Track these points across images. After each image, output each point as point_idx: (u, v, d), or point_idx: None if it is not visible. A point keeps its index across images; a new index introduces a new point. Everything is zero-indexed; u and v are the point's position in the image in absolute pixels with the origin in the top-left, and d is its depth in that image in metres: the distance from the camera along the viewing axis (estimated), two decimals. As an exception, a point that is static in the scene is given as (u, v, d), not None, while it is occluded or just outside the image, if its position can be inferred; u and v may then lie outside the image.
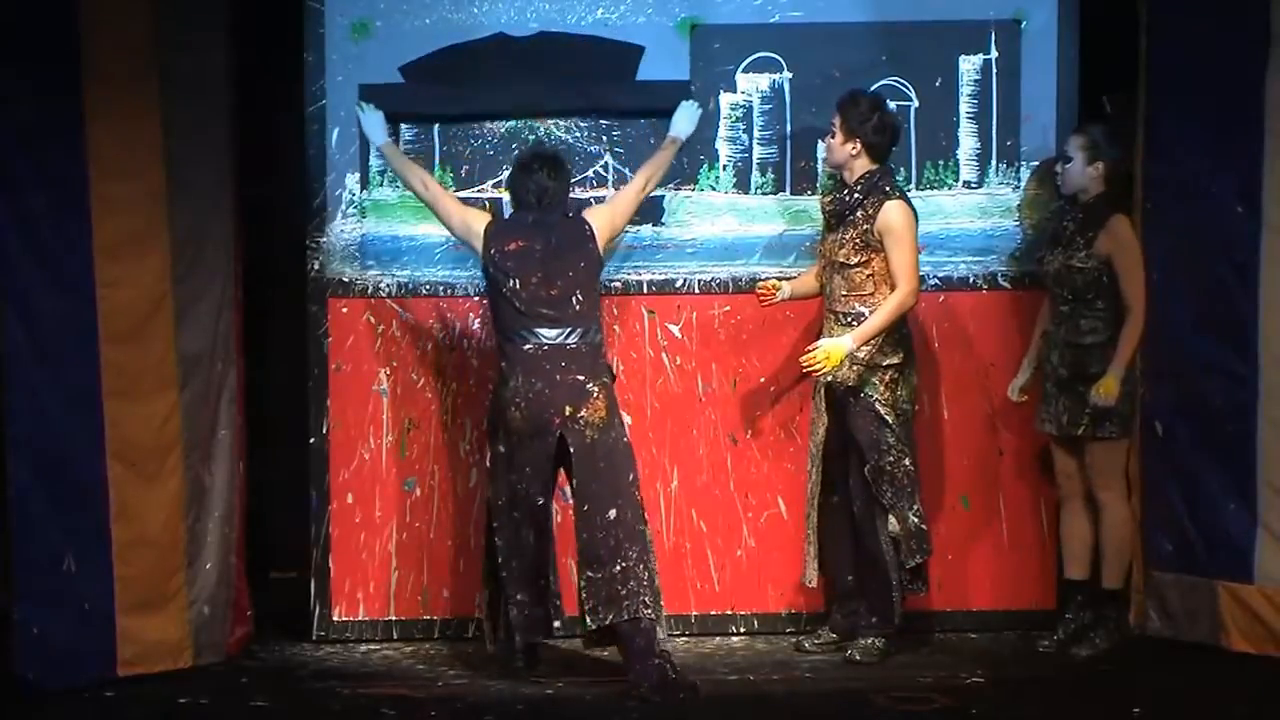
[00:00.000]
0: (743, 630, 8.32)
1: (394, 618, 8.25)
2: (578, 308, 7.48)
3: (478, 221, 7.63)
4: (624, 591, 7.37)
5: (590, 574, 7.40)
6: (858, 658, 7.85)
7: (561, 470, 7.56)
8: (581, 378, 7.43)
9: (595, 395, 7.43)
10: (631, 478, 7.50)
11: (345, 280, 8.19)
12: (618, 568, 7.39)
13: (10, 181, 7.20)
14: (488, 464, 7.62)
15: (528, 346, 7.45)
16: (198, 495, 7.72)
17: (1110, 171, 7.89)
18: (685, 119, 8.00)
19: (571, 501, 7.53)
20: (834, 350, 7.66)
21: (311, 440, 8.20)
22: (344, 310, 8.20)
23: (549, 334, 7.45)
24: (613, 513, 7.42)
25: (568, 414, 7.39)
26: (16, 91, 7.20)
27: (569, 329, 7.46)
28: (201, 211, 7.72)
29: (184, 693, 7.41)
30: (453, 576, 8.26)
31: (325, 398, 8.19)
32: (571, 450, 7.42)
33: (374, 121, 7.92)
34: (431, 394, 8.23)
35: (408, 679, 7.70)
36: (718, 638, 8.28)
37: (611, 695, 7.39)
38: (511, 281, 7.48)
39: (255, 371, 8.24)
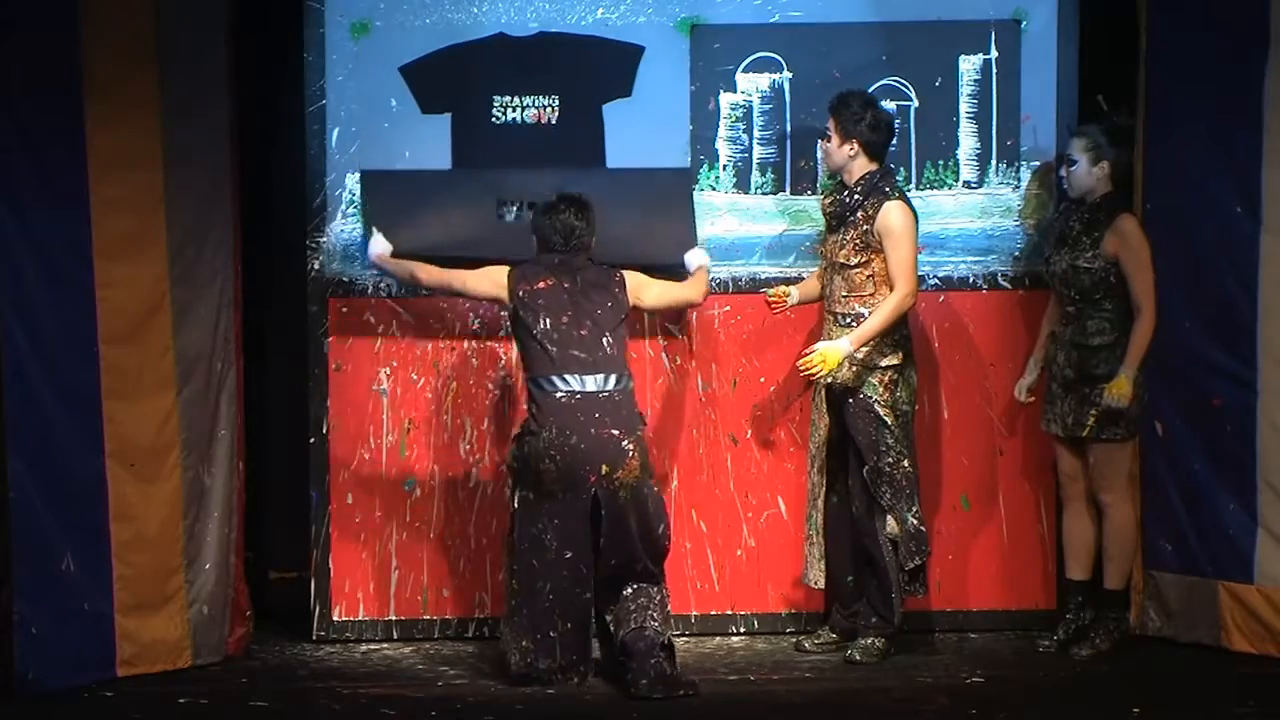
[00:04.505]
0: (743, 630, 8.32)
1: (394, 618, 8.26)
2: (608, 350, 7.46)
3: (498, 271, 7.60)
4: (634, 608, 7.46)
5: (612, 607, 7.51)
6: (858, 658, 7.85)
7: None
8: (616, 433, 7.38)
9: (630, 455, 7.39)
10: (661, 529, 7.52)
11: (345, 280, 8.19)
12: (629, 590, 7.48)
13: (10, 181, 7.20)
14: (515, 505, 7.54)
15: (560, 395, 7.41)
16: (197, 495, 7.72)
17: (1116, 171, 7.88)
18: (698, 257, 7.95)
19: (598, 548, 7.50)
20: (831, 354, 7.66)
21: (311, 440, 8.20)
22: (344, 310, 8.20)
23: (581, 381, 7.40)
24: (638, 565, 7.48)
25: (603, 473, 7.36)
26: (17, 91, 7.19)
27: (601, 375, 7.42)
28: (201, 211, 7.72)
29: (184, 693, 7.42)
30: (453, 576, 8.26)
31: (325, 398, 8.19)
32: (604, 511, 7.39)
33: (376, 242, 7.87)
34: (431, 394, 8.23)
35: (408, 679, 7.70)
36: (718, 638, 8.28)
37: (612, 695, 7.39)
38: (542, 321, 7.45)
39: (255, 371, 8.25)
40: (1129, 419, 7.84)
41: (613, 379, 7.45)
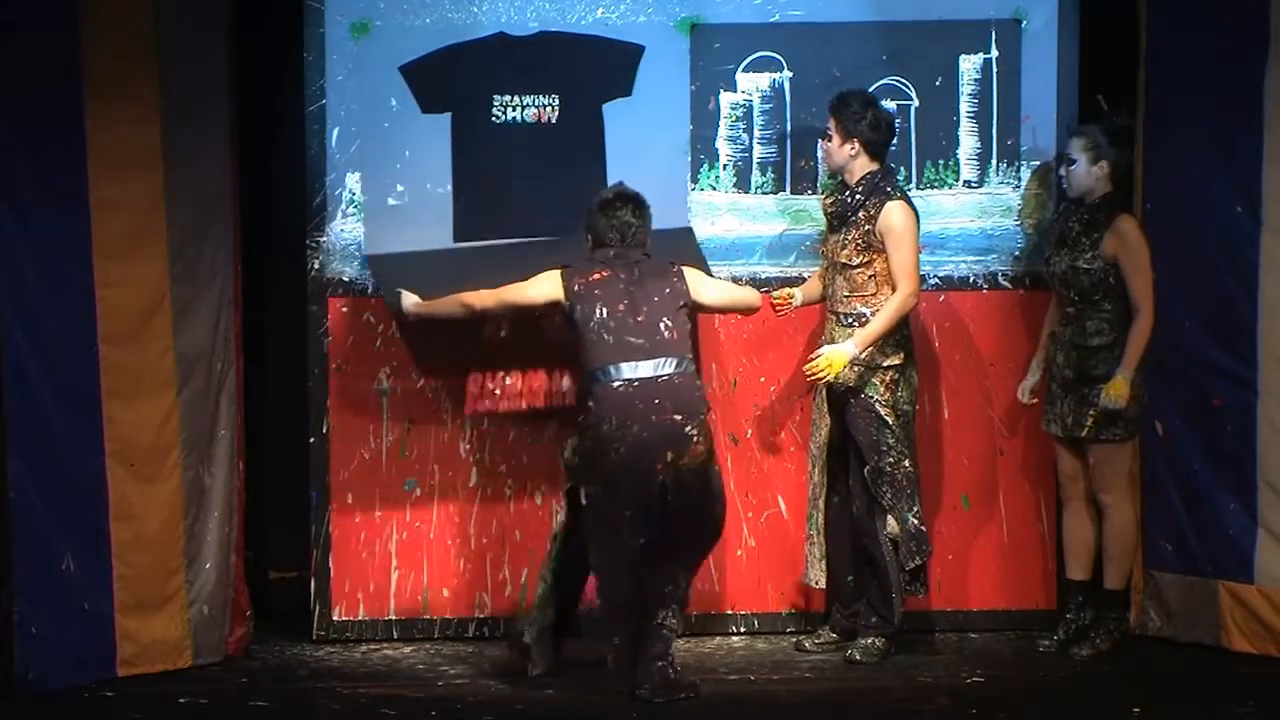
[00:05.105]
0: (743, 630, 8.32)
1: (394, 618, 8.26)
2: (666, 334, 7.32)
3: (550, 274, 7.46)
4: (661, 594, 7.34)
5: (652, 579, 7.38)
6: (858, 657, 7.85)
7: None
8: (679, 419, 7.27)
9: (695, 440, 7.27)
10: (719, 510, 7.43)
11: (345, 280, 8.19)
12: (663, 573, 7.36)
13: (10, 181, 7.20)
14: (583, 500, 7.38)
15: (617, 384, 7.27)
16: (197, 495, 7.72)
17: (1115, 171, 7.88)
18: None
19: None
20: (837, 358, 7.66)
21: (311, 440, 8.20)
22: (344, 310, 8.19)
23: (636, 368, 7.28)
24: (695, 545, 7.41)
25: (669, 459, 7.24)
26: (17, 92, 7.19)
27: (659, 360, 7.29)
28: (201, 211, 7.73)
29: (184, 693, 7.42)
30: (453, 576, 8.26)
31: (325, 398, 8.19)
32: (671, 496, 7.28)
33: (407, 297, 7.69)
34: (431, 394, 8.22)
35: (408, 679, 7.70)
36: (718, 638, 8.27)
37: (612, 696, 7.38)
38: (599, 311, 7.32)
39: (255, 371, 8.25)
40: (1128, 419, 7.84)
41: (672, 363, 7.31)
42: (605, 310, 7.35)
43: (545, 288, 7.46)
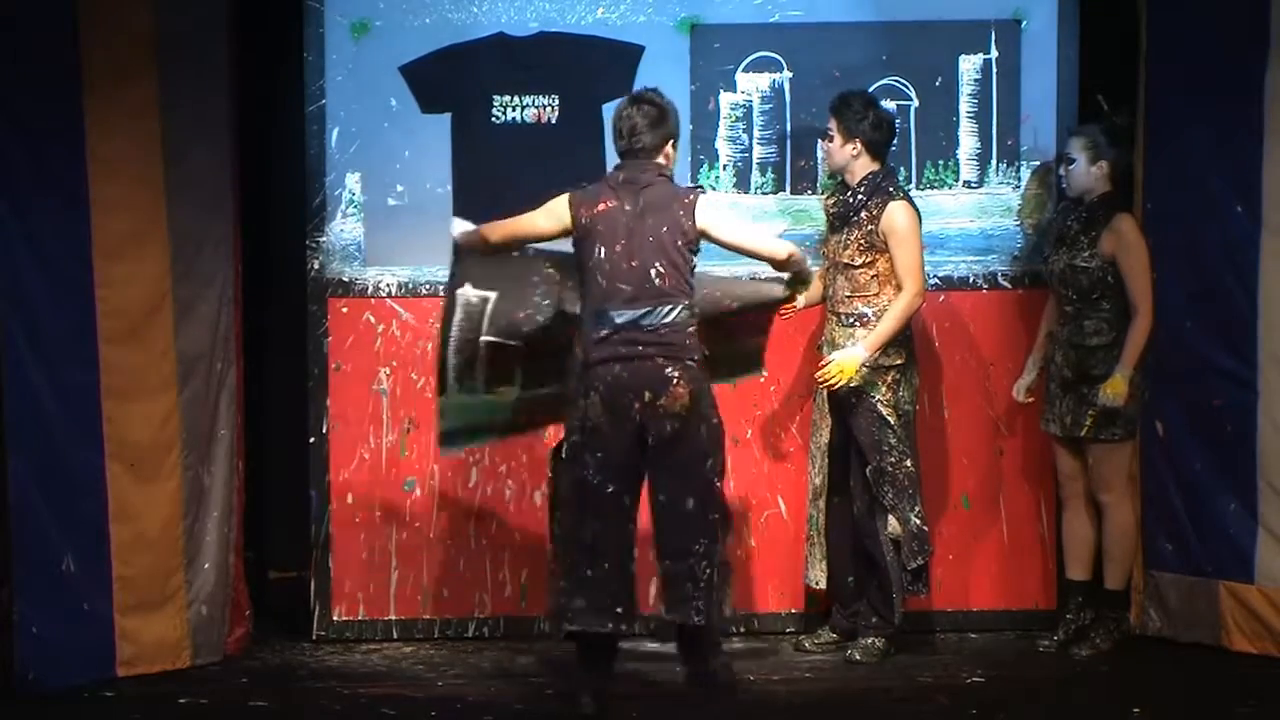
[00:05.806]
0: (743, 630, 8.32)
1: (394, 618, 8.26)
2: (657, 282, 7.03)
3: (558, 202, 7.17)
4: (690, 592, 7.03)
5: (666, 564, 7.07)
6: (858, 657, 7.85)
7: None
8: (660, 360, 7.01)
9: (675, 381, 7.00)
10: (710, 464, 7.08)
11: (345, 280, 8.20)
12: (685, 565, 7.04)
13: (10, 181, 7.20)
14: (561, 453, 7.18)
15: (604, 330, 7.04)
16: (197, 495, 7.72)
17: (1114, 170, 7.89)
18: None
19: (647, 489, 7.14)
20: (848, 363, 7.64)
21: (311, 440, 8.20)
22: (344, 310, 8.20)
23: (622, 315, 7.02)
24: (688, 504, 7.04)
25: (647, 400, 7.00)
26: (16, 91, 7.19)
27: (644, 309, 7.02)
28: (201, 211, 7.73)
29: (184, 693, 7.42)
30: (453, 576, 8.26)
31: (325, 398, 8.19)
32: (651, 440, 7.03)
33: (455, 224, 7.42)
34: (431, 394, 8.20)
35: (408, 679, 7.70)
36: (718, 637, 8.27)
37: (612, 696, 7.36)
38: (598, 249, 7.06)
39: (255, 371, 8.25)
40: (1127, 419, 7.85)
41: (660, 311, 7.03)
42: (603, 250, 7.08)
43: (554, 222, 7.17)
